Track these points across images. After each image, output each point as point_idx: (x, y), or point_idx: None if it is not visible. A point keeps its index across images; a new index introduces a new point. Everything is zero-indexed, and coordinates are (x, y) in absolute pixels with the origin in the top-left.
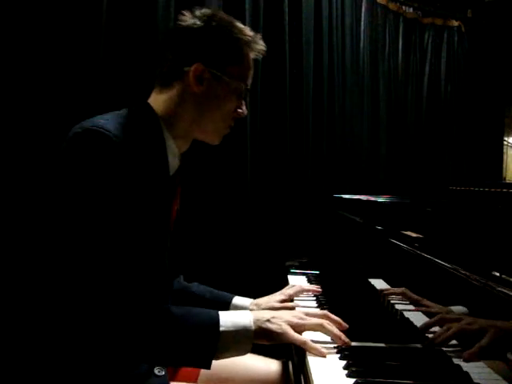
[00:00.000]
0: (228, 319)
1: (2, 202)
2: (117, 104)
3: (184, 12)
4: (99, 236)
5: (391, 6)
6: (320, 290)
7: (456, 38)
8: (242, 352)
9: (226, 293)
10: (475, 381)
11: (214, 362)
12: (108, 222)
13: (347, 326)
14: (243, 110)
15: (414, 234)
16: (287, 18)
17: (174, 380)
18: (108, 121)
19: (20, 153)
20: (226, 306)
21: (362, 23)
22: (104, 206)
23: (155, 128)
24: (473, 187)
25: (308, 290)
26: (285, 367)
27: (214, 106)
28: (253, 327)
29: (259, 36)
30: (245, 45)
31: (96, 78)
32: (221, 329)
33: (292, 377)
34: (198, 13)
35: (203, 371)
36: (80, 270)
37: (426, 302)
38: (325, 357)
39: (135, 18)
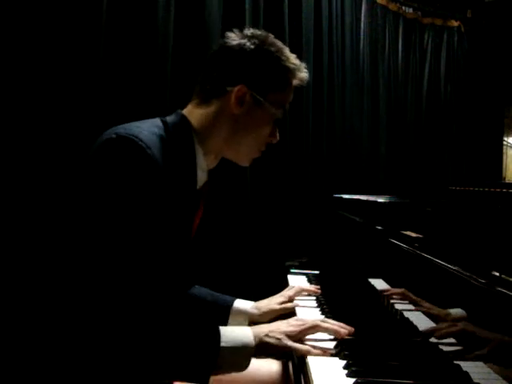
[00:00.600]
0: (229, 335)
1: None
2: (117, 104)
3: (234, 30)
4: (122, 244)
5: (391, 6)
6: (319, 290)
7: (456, 38)
8: (239, 368)
9: (227, 296)
10: (475, 380)
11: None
12: (133, 231)
13: (351, 329)
14: (276, 136)
15: (413, 234)
16: (287, 18)
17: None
18: (142, 130)
19: (19, 152)
20: (227, 309)
21: (362, 23)
22: (130, 214)
23: (188, 142)
24: (472, 187)
25: (308, 290)
26: (285, 367)
27: (250, 129)
28: (253, 343)
29: (304, 65)
30: (290, 73)
31: (96, 77)
32: (221, 344)
33: (292, 377)
34: (248, 33)
35: None
36: (105, 276)
37: (425, 303)
38: (329, 356)
39: (135, 18)
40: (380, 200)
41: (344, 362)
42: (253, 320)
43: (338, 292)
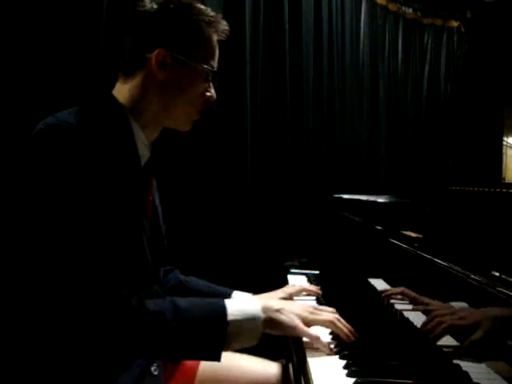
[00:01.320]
0: (236, 307)
1: None
2: None
3: None
4: (69, 230)
5: (391, 6)
6: (320, 292)
7: (455, 39)
8: (251, 341)
9: (225, 288)
10: (474, 380)
11: (211, 365)
12: (77, 216)
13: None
14: (212, 93)
15: (413, 234)
16: (287, 18)
17: (170, 382)
18: (70, 115)
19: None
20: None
21: (362, 24)
22: (70, 199)
23: (121, 119)
24: (472, 187)
25: (309, 290)
26: (284, 369)
27: (180, 91)
28: (262, 316)
29: (220, 15)
30: (207, 26)
31: (96, 77)
32: (229, 318)
33: (292, 377)
34: None
35: (200, 373)
36: (53, 267)
37: (425, 299)
38: (331, 353)
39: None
40: (380, 200)
41: (344, 362)
42: None
43: (338, 292)
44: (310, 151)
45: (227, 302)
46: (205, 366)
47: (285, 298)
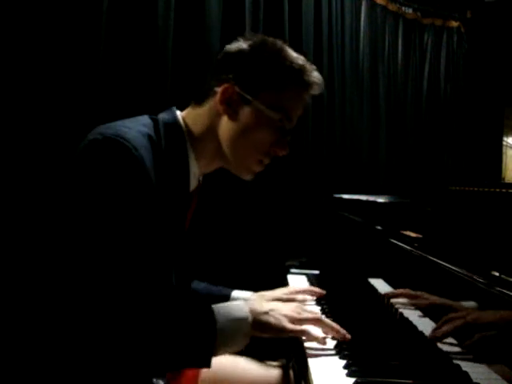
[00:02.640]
0: (223, 313)
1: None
2: (117, 103)
3: (238, 37)
4: (109, 247)
5: (391, 6)
6: (324, 292)
7: (455, 39)
8: (240, 345)
9: (224, 288)
10: (475, 380)
11: (212, 369)
12: (119, 234)
13: (348, 335)
14: (284, 147)
15: (413, 234)
16: (287, 18)
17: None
18: (129, 130)
19: (20, 153)
20: (226, 299)
21: (362, 24)
22: (117, 217)
23: (180, 145)
24: (472, 187)
25: (313, 291)
26: (284, 369)
27: (242, 133)
28: (249, 319)
29: (313, 67)
30: (289, 72)
31: (96, 77)
32: (217, 325)
33: (292, 377)
34: (248, 36)
35: (202, 378)
36: (93, 280)
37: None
38: (325, 344)
39: (135, 18)
40: (380, 200)
41: (344, 362)
42: None
43: (337, 292)
44: (310, 151)
45: (215, 308)
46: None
47: (287, 299)
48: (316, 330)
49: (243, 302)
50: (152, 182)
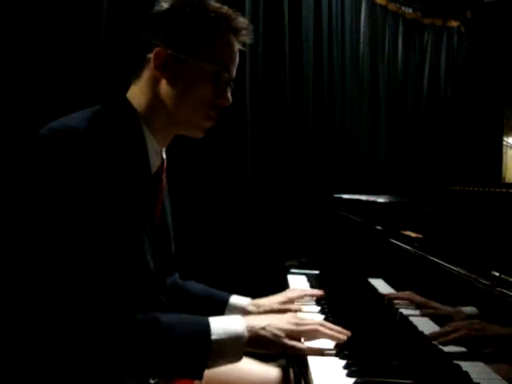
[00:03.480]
0: (219, 326)
1: None
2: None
3: None
4: (74, 238)
5: (391, 6)
6: (322, 293)
7: (455, 39)
8: (233, 360)
9: (222, 292)
10: (475, 380)
11: (211, 370)
12: (81, 224)
13: (348, 333)
14: (226, 97)
15: (413, 234)
16: (287, 18)
17: None
18: (78, 120)
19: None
20: (223, 304)
21: (362, 24)
22: (73, 207)
23: (133, 125)
24: (472, 187)
25: (311, 295)
26: (284, 370)
27: (186, 93)
28: (246, 334)
29: (239, 14)
30: (217, 22)
31: (96, 77)
32: (212, 337)
33: (292, 377)
34: None
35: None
36: (56, 274)
37: (432, 303)
38: (328, 355)
39: (135, 17)
40: (380, 200)
41: (344, 362)
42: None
43: (337, 292)
44: (310, 151)
45: (211, 320)
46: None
47: (285, 303)
48: (316, 342)
49: (239, 316)
50: (107, 167)
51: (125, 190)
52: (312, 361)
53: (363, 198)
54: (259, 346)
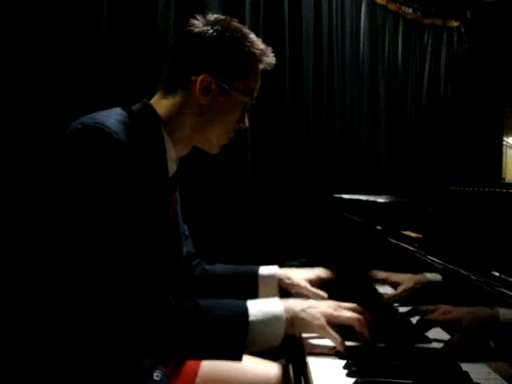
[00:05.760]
0: (257, 308)
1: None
2: (117, 103)
3: (197, 16)
4: (100, 235)
5: (391, 6)
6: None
7: (455, 39)
8: (273, 342)
9: (251, 266)
10: (475, 380)
11: (213, 364)
12: (109, 221)
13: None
14: (245, 122)
15: (413, 234)
16: (287, 18)
17: (171, 381)
18: (109, 118)
19: (21, 151)
20: (254, 278)
21: (362, 23)
22: (105, 204)
23: (156, 131)
24: (472, 187)
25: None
26: (284, 369)
27: (217, 117)
28: (284, 316)
29: (270, 49)
30: (255, 58)
31: (96, 77)
32: (250, 318)
33: (292, 377)
34: (211, 19)
35: (201, 373)
36: (82, 270)
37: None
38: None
39: (136, 16)
40: (380, 200)
41: (344, 362)
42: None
43: (337, 291)
44: (310, 151)
45: (249, 302)
46: (206, 366)
47: (311, 280)
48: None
49: (277, 298)
50: (133, 168)
51: (145, 190)
52: (312, 360)
53: (363, 197)
54: (297, 327)
